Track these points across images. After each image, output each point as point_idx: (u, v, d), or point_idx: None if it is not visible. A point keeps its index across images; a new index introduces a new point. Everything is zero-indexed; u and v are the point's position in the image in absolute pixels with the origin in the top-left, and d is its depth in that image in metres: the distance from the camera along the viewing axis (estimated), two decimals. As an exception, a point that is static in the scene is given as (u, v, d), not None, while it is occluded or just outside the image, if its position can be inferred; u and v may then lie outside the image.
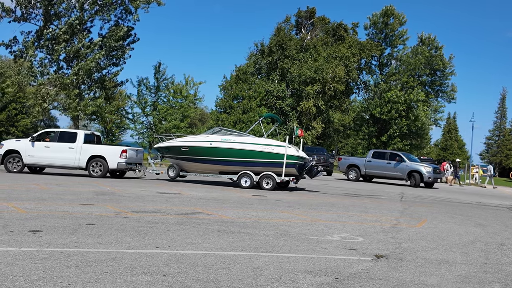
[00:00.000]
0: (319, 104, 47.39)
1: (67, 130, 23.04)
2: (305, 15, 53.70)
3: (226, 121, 45.29)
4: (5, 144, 21.87)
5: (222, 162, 19.48)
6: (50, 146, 21.08)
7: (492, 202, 21.69)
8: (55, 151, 20.89)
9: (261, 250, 7.52)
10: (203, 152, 19.60)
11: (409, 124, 53.01)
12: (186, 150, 19.97)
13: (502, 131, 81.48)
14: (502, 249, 9.18)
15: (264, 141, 19.65)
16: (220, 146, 19.36)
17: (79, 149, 20.79)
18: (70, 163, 20.88)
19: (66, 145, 20.91)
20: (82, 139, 21.05)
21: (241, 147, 19.15)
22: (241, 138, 19.77)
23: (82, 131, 22.29)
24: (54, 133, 21.98)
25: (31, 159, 21.11)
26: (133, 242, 7.46)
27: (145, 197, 13.96)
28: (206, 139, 19.89)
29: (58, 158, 20.86)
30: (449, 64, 57.02)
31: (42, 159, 21.03)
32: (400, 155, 30.59)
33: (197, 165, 20.08)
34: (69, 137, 21.26)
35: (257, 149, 19.02)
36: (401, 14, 56.51)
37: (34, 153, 20.98)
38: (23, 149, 21.14)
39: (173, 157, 20.69)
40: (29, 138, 21.72)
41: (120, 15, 34.94)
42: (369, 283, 5.98)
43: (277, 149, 18.97)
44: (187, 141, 20.53)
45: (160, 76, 47.86)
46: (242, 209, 12.42)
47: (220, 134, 20.35)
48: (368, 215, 13.15)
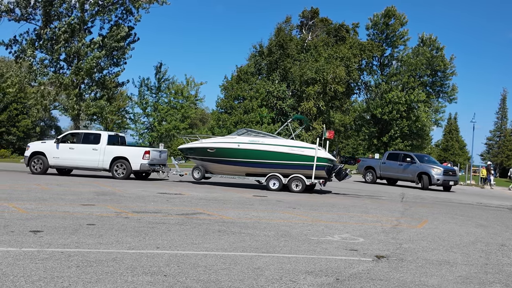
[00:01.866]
0: (319, 104, 47.39)
1: (91, 132, 22.73)
2: (308, 15, 53.73)
3: (227, 121, 45.31)
4: (31, 146, 21.77)
5: (249, 164, 19.23)
6: (74, 147, 20.91)
7: (493, 202, 21.67)
8: (79, 152, 20.72)
9: (262, 250, 7.52)
10: (230, 154, 19.30)
11: (410, 124, 53.00)
12: (213, 152, 19.62)
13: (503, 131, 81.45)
14: (503, 249, 9.17)
15: (293, 143, 19.39)
16: (248, 147, 19.09)
17: (102, 151, 20.60)
18: (94, 164, 20.69)
19: (90, 146, 20.73)
20: (105, 140, 20.84)
21: (269, 149, 18.87)
22: (269, 139, 19.50)
23: (106, 132, 22.03)
24: (79, 134, 21.82)
25: (56, 161, 20.94)
26: (133, 243, 7.46)
27: (146, 197, 13.97)
28: (233, 140, 19.57)
29: (82, 159, 20.68)
30: (450, 65, 56.97)
31: (67, 161, 20.85)
32: (411, 156, 29.55)
33: (224, 166, 19.76)
34: (93, 139, 21.05)
35: (286, 151, 18.76)
36: (402, 14, 56.52)
37: (59, 155, 20.84)
38: (48, 150, 20.99)
39: (198, 159, 20.34)
40: (54, 139, 21.58)
41: (121, 16, 34.95)
42: (369, 284, 5.98)
43: (306, 151, 18.76)
44: (213, 142, 20.17)
45: (161, 77, 47.97)
46: (242, 210, 12.42)
47: (247, 135, 20.07)
48: (369, 215, 13.14)
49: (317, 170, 18.61)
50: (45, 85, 34.03)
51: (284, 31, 49.74)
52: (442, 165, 31.11)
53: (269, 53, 48.45)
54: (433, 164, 29.12)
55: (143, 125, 48.22)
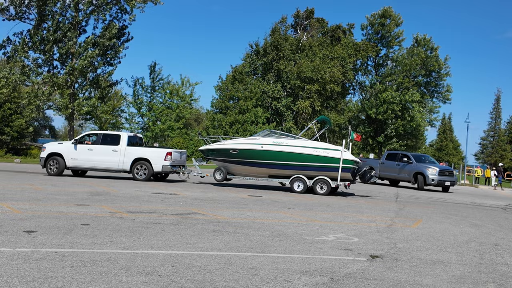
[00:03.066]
0: (315, 104, 47.45)
1: (110, 132, 22.27)
2: (303, 15, 53.77)
3: (222, 121, 45.31)
4: (47, 147, 21.38)
5: (273, 166, 19.02)
6: (93, 148, 20.56)
7: (487, 202, 21.76)
8: (99, 153, 20.41)
9: (257, 250, 7.52)
10: (254, 155, 19.10)
11: (404, 124, 53.14)
12: (236, 153, 19.38)
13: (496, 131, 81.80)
14: (496, 249, 9.22)
15: (318, 144, 19.10)
16: (272, 149, 18.88)
17: (122, 152, 20.32)
18: (114, 166, 20.40)
19: (109, 147, 20.42)
20: (125, 141, 20.54)
21: (294, 151, 18.67)
22: (293, 141, 19.26)
23: (125, 133, 21.67)
24: (97, 135, 21.38)
25: (74, 162, 20.62)
26: (128, 243, 7.45)
27: (140, 197, 13.94)
28: (256, 142, 19.37)
29: (102, 161, 20.38)
30: (444, 65, 57.18)
31: (85, 162, 20.53)
32: (408, 156, 29.40)
33: (246, 168, 19.56)
34: (113, 140, 20.74)
35: (311, 152, 18.55)
36: (397, 15, 56.66)
37: (77, 156, 20.53)
38: (66, 152, 20.65)
39: (220, 160, 20.09)
40: (72, 140, 21.26)
41: (116, 15, 34.87)
42: (364, 283, 5.99)
43: (332, 153, 18.52)
44: (236, 144, 19.88)
45: (155, 76, 47.92)
46: (237, 210, 12.42)
47: (270, 136, 19.90)
48: (363, 215, 13.17)
49: (343, 172, 18.37)
50: (39, 85, 33.90)
51: (279, 31, 49.76)
52: (440, 165, 30.70)
53: (264, 53, 48.48)
54: (430, 164, 28.84)
55: (137, 125, 48.18)
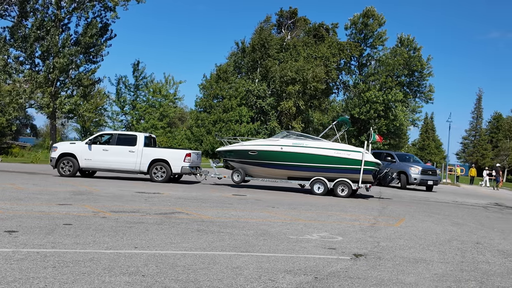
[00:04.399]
0: (299, 104, 47.58)
1: (125, 133, 21.96)
2: (287, 15, 53.88)
3: (206, 120, 45.18)
4: (59, 147, 20.83)
5: (292, 167, 18.82)
6: (108, 149, 20.13)
7: (468, 201, 22.03)
8: (115, 154, 19.99)
9: (241, 249, 7.51)
10: (273, 157, 18.90)
11: (387, 124, 53.59)
12: (254, 154, 19.22)
13: (478, 131, 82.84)
14: (478, 247, 9.33)
15: (339, 146, 18.93)
16: (292, 150, 18.68)
17: (140, 153, 20.00)
18: (130, 167, 20.03)
19: (126, 148, 20.04)
20: (142, 142, 20.21)
21: (314, 152, 18.46)
22: (313, 142, 19.04)
23: (141, 133, 21.21)
24: (112, 135, 20.91)
25: (88, 163, 20.17)
26: (111, 242, 7.39)
27: (123, 196, 13.84)
28: (276, 143, 19.18)
29: (118, 162, 19.98)
30: (427, 65, 57.74)
31: (100, 163, 20.08)
32: (392, 155, 29.48)
33: (265, 169, 19.38)
34: (129, 140, 20.34)
35: (332, 154, 18.35)
36: (380, 15, 57.07)
37: (92, 157, 20.05)
38: (79, 152, 20.15)
39: (239, 161, 19.90)
40: (85, 140, 20.75)
41: (99, 13, 34.56)
42: (348, 282, 6.02)
43: (353, 154, 18.33)
44: (255, 145, 19.72)
45: (139, 75, 47.65)
46: (221, 209, 12.40)
47: (289, 138, 19.73)
48: (347, 214, 13.24)
49: (364, 174, 18.21)
50: (20, 83, 33.45)
51: (266, 30, 49.79)
52: (424, 165, 30.84)
53: (252, 50, 48.36)
54: (414, 164, 29.02)
55: (121, 123, 47.82)
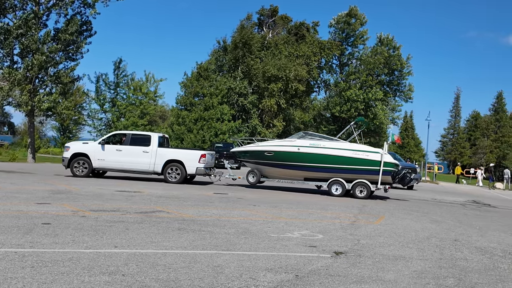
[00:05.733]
0: (280, 102, 47.66)
1: (139, 133, 21.62)
2: (268, 13, 53.90)
3: (187, 118, 45.00)
4: (71, 146, 20.45)
5: (310, 168, 18.65)
6: (122, 149, 19.79)
7: (447, 198, 22.33)
8: (128, 155, 19.66)
9: (222, 248, 7.51)
10: (290, 158, 18.73)
11: (368, 122, 53.97)
12: (271, 155, 19.03)
13: (456, 129, 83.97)
14: (456, 244, 9.47)
15: (357, 146, 18.76)
16: (309, 151, 18.49)
17: (154, 153, 19.68)
18: (144, 167, 19.70)
19: (140, 148, 19.71)
20: (156, 142, 19.88)
21: (332, 153, 18.29)
22: (331, 143, 18.88)
23: (156, 134, 20.92)
24: (126, 135, 20.53)
25: (101, 163, 19.83)
26: (91, 242, 7.32)
27: (103, 195, 13.71)
28: (293, 144, 19.00)
29: (132, 162, 19.65)
30: (406, 64, 58.32)
31: (114, 163, 19.73)
32: None
33: (282, 170, 19.19)
34: (142, 140, 20.00)
35: (350, 155, 18.19)
36: (362, 14, 57.47)
37: (105, 157, 19.70)
38: (92, 152, 19.80)
39: (254, 162, 19.73)
40: (99, 140, 20.45)
41: (79, 10, 34.11)
42: (328, 280, 6.06)
43: (372, 155, 18.19)
44: (271, 146, 19.53)
45: (120, 73, 47.24)
46: (203, 207, 12.37)
47: (306, 138, 19.54)
48: (327, 212, 13.32)
49: (383, 176, 18.11)
50: (-1, 81, 32.84)
51: (246, 28, 49.74)
52: (404, 163, 31.07)
53: (234, 48, 48.24)
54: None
55: (100, 121, 47.35)
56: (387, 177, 18.28)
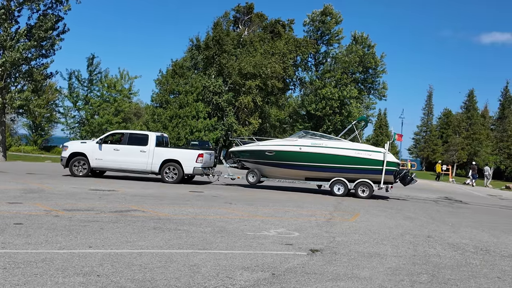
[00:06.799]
0: (257, 99, 47.69)
1: (137, 132, 21.43)
2: (243, 10, 53.82)
3: (162, 115, 44.68)
4: (69, 146, 20.16)
5: (311, 168, 18.52)
6: (119, 149, 19.54)
7: (420, 195, 22.68)
8: (126, 154, 19.41)
9: (198, 247, 7.48)
10: (291, 157, 18.58)
11: (342, 120, 54.42)
12: (272, 155, 18.84)
13: (429, 127, 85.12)
14: (429, 241, 9.63)
15: (360, 146, 18.80)
16: (311, 150, 18.38)
17: (151, 153, 19.40)
18: (142, 167, 19.44)
19: (137, 148, 19.45)
20: (154, 141, 19.62)
21: (335, 152, 18.23)
22: (333, 142, 18.85)
23: (153, 133, 20.63)
24: (123, 135, 20.32)
25: (98, 163, 19.57)
26: (64, 242, 7.21)
27: (77, 194, 13.52)
28: (294, 143, 18.87)
29: (129, 162, 19.38)
30: (380, 63, 58.92)
31: (111, 163, 19.49)
32: None
33: (282, 170, 19.03)
34: (140, 140, 19.74)
35: (353, 154, 18.16)
36: (337, 13, 57.81)
37: (102, 156, 19.46)
38: (90, 152, 19.55)
39: (253, 162, 19.51)
40: (96, 140, 20.14)
41: (50, 5, 33.49)
42: (304, 278, 6.10)
43: (374, 155, 18.20)
44: (272, 145, 19.33)
45: (93, 69, 46.59)
46: (178, 206, 12.31)
47: (307, 138, 19.46)
48: (303, 210, 13.39)
49: (386, 175, 18.15)
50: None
51: (221, 25, 49.55)
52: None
53: (206, 47, 48.12)
54: None
55: (74, 119, 46.62)
56: (389, 177, 18.39)
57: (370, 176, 18.32)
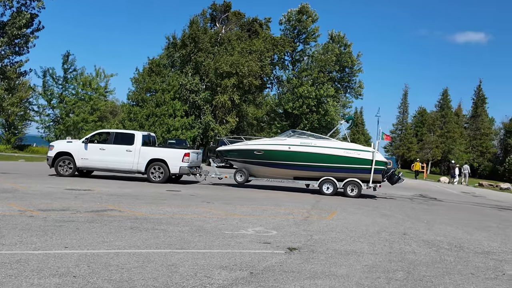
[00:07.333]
0: (234, 98, 47.61)
1: (123, 131, 21.10)
2: (221, 8, 53.68)
3: (138, 114, 44.28)
4: (55, 145, 19.85)
5: (300, 167, 18.50)
6: (105, 148, 19.27)
7: (396, 193, 22.96)
8: (111, 154, 19.13)
9: (176, 246, 7.45)
10: (280, 156, 18.51)
11: (319, 118, 54.73)
12: (260, 154, 18.74)
13: (404, 125, 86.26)
14: (404, 238, 9.77)
15: (349, 145, 18.81)
16: (300, 150, 18.36)
17: (137, 152, 19.16)
18: (128, 167, 19.17)
19: (123, 147, 19.17)
20: (140, 141, 19.35)
21: (323, 152, 18.23)
22: (322, 142, 18.84)
23: (139, 132, 20.35)
24: (109, 134, 20.06)
25: (84, 162, 19.27)
26: (39, 243, 7.11)
27: (52, 194, 13.32)
28: (283, 142, 18.80)
29: (115, 161, 19.11)
30: (357, 61, 59.42)
31: (97, 163, 19.20)
32: None
33: (271, 169, 18.95)
34: (126, 139, 19.47)
35: (342, 154, 18.17)
36: (313, 11, 58.07)
37: (88, 156, 19.17)
38: (76, 151, 19.24)
39: (241, 161, 19.39)
40: (82, 139, 19.84)
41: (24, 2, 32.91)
42: (282, 276, 6.12)
43: (363, 154, 18.25)
44: (261, 144, 19.24)
45: (68, 67, 45.92)
46: (156, 205, 12.23)
47: (296, 137, 19.40)
48: (281, 208, 13.44)
49: (375, 174, 18.22)
50: None
51: (198, 23, 49.32)
52: None
53: (182, 45, 47.86)
54: None
55: (48, 117, 45.87)
56: (378, 176, 18.52)
57: (359, 175, 18.45)
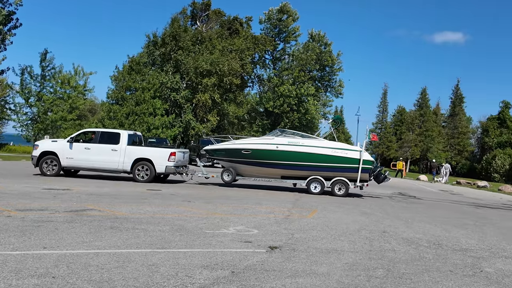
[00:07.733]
0: (215, 96, 47.51)
1: (109, 130, 20.92)
2: (201, 7, 53.51)
3: (118, 113, 43.89)
4: (40, 145, 19.48)
5: (288, 166, 18.51)
6: (90, 147, 18.99)
7: (375, 191, 23.16)
8: (97, 153, 18.86)
9: (157, 246, 7.41)
10: (268, 156, 18.50)
11: (300, 117, 54.97)
12: (248, 153, 18.68)
13: (384, 124, 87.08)
14: (384, 236, 9.86)
15: (336, 144, 18.88)
16: (288, 149, 18.37)
17: (123, 151, 18.95)
18: (113, 166, 18.92)
19: (108, 146, 18.91)
20: (126, 140, 19.13)
21: (311, 151, 18.28)
22: (310, 141, 18.89)
23: (125, 131, 20.06)
24: (95, 133, 19.77)
25: (69, 162, 18.96)
26: (17, 243, 7.00)
27: (30, 193, 13.12)
28: (271, 142, 18.76)
29: (100, 161, 18.85)
30: (337, 61, 59.80)
31: (82, 162, 18.93)
32: None
33: (258, 169, 18.91)
34: (112, 138, 19.24)
35: (329, 153, 18.23)
36: (294, 11, 58.27)
37: (73, 155, 18.88)
38: (61, 150, 18.94)
39: (228, 160, 19.30)
40: (67, 138, 19.52)
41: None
42: (264, 275, 6.14)
43: (350, 153, 18.34)
44: (248, 143, 19.17)
45: (46, 65, 45.30)
46: (136, 204, 12.14)
47: (283, 136, 19.37)
48: (262, 207, 13.46)
49: (362, 173, 18.31)
50: None
51: (179, 22, 49.07)
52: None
53: (162, 43, 47.60)
54: None
55: (26, 116, 45.19)
56: (365, 175, 18.65)
57: (347, 174, 18.58)
